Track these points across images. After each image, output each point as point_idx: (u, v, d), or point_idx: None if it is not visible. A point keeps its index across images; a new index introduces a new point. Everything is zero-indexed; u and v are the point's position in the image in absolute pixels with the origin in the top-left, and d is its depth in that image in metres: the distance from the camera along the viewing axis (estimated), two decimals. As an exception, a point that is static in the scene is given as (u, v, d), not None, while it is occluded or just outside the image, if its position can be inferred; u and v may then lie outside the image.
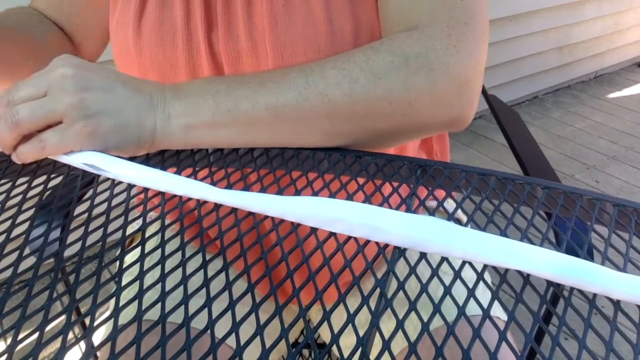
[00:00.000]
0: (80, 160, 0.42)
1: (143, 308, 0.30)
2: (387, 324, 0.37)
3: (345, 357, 0.27)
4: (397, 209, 0.39)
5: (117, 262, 0.37)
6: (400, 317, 0.30)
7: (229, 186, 0.41)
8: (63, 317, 0.29)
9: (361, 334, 0.29)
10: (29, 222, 0.37)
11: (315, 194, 0.40)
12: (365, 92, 0.43)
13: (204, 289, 0.31)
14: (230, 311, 0.30)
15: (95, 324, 0.29)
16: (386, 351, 0.27)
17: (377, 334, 0.30)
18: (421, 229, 0.35)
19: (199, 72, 0.52)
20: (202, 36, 0.50)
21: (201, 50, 0.51)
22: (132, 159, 0.44)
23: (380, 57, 0.43)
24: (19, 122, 0.40)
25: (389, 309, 0.31)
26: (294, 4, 0.48)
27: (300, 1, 0.48)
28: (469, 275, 0.36)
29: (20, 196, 0.40)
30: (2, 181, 0.43)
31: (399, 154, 0.54)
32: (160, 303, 0.30)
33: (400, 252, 0.35)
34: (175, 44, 0.51)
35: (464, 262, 0.35)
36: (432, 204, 0.65)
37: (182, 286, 0.32)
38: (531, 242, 0.36)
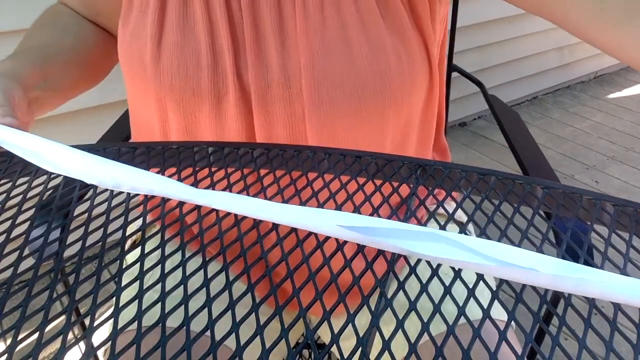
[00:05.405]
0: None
1: (143, 309, 0.30)
2: (388, 325, 0.36)
3: (346, 357, 0.27)
4: (397, 209, 0.39)
5: (117, 263, 0.37)
6: (400, 317, 0.30)
7: (229, 186, 0.41)
8: (63, 317, 0.29)
9: (361, 334, 0.29)
10: (29, 222, 0.37)
11: (315, 194, 0.40)
12: None
13: (204, 289, 0.31)
14: (230, 312, 0.30)
15: (95, 324, 0.29)
16: (386, 351, 0.27)
17: (377, 335, 0.30)
18: (411, 240, 0.34)
19: (224, 101, 0.47)
20: (229, 61, 0.46)
21: (228, 77, 0.46)
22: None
23: None
24: None
25: (389, 309, 0.31)
26: (331, 39, 0.46)
27: (337, 37, 0.46)
28: (469, 275, 0.36)
29: (20, 196, 0.40)
30: (2, 181, 0.43)
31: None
32: (160, 304, 0.30)
33: (400, 252, 0.35)
34: (199, 68, 0.46)
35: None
36: (432, 203, 0.64)
37: (181, 287, 0.32)
38: (531, 242, 0.36)
